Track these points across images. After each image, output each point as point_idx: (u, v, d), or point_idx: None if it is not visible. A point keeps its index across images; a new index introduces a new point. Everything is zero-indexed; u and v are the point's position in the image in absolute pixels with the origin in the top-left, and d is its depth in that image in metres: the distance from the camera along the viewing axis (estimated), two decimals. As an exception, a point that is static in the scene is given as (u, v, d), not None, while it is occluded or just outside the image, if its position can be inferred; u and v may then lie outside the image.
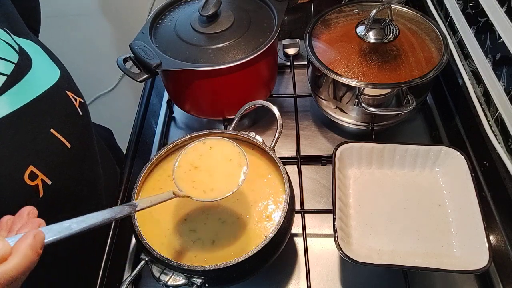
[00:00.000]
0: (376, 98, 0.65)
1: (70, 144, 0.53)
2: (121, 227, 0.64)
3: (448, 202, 0.59)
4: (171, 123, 0.82)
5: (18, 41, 0.52)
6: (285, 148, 0.74)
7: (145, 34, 0.68)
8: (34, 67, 0.52)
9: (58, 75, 0.55)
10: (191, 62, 0.64)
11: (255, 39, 0.67)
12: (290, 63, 0.86)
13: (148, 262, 0.49)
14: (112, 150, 0.87)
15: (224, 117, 0.74)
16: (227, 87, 0.68)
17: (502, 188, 0.57)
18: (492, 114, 0.64)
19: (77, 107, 0.56)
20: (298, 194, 0.65)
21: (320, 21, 0.74)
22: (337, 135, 0.76)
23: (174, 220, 0.53)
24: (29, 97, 0.49)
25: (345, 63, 0.66)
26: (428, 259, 0.53)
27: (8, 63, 0.48)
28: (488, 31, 0.65)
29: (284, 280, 0.59)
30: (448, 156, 0.60)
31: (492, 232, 0.58)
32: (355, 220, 0.58)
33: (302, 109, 0.79)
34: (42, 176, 0.49)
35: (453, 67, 0.73)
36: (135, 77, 0.62)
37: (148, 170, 0.56)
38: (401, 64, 0.65)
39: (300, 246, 0.62)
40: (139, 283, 0.60)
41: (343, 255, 0.50)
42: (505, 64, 0.60)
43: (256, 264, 0.49)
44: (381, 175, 0.63)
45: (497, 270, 0.56)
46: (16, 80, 0.48)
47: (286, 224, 0.50)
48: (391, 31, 0.67)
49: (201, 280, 0.47)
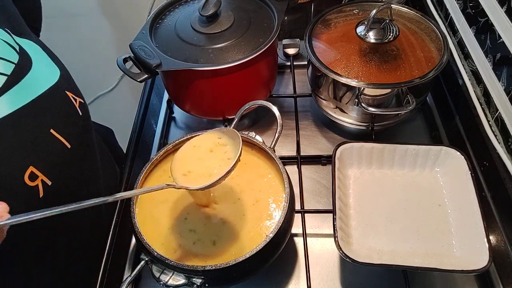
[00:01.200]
0: (376, 98, 0.65)
1: (70, 144, 0.53)
2: (121, 227, 0.64)
3: (448, 202, 0.59)
4: (171, 123, 0.82)
5: (19, 41, 0.52)
6: (285, 148, 0.74)
7: (145, 34, 0.68)
8: (34, 67, 0.52)
9: (58, 75, 0.55)
10: (191, 62, 0.64)
11: (255, 39, 0.67)
12: (290, 63, 0.86)
13: (148, 262, 0.49)
14: (113, 149, 0.87)
15: (224, 117, 0.74)
16: (227, 87, 0.68)
17: (502, 188, 0.57)
18: (492, 114, 0.64)
19: (77, 107, 0.56)
20: (298, 194, 0.65)
21: (320, 21, 0.74)
22: (337, 135, 0.76)
23: (174, 220, 0.53)
24: (29, 97, 0.49)
25: (345, 63, 0.66)
26: (428, 259, 0.53)
27: (9, 63, 0.48)
28: (488, 31, 0.65)
29: (284, 280, 0.59)
30: (448, 156, 0.60)
31: (492, 232, 0.58)
32: (355, 220, 0.58)
33: (302, 109, 0.79)
34: (42, 176, 0.49)
35: (453, 67, 0.73)
36: (135, 77, 0.62)
37: (148, 170, 0.56)
38: (401, 64, 0.65)
39: (300, 246, 0.62)
40: (139, 283, 0.60)
41: (343, 255, 0.50)
42: (505, 64, 0.60)
43: (256, 264, 0.49)
44: (381, 175, 0.63)
45: (497, 270, 0.56)
46: (17, 80, 0.48)
47: (286, 224, 0.50)
48: (391, 31, 0.67)
49: (201, 280, 0.47)
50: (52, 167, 0.51)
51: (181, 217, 0.53)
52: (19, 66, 0.49)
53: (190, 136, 0.58)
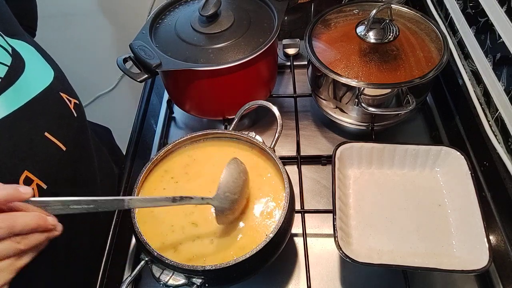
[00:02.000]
0: (376, 98, 0.65)
1: (65, 146, 0.53)
2: (121, 227, 0.64)
3: (448, 202, 0.59)
4: (171, 123, 0.82)
5: (11, 42, 0.52)
6: (285, 148, 0.74)
7: (145, 34, 0.68)
8: (27, 69, 0.51)
9: (52, 77, 0.54)
10: (191, 62, 0.64)
11: (255, 39, 0.67)
12: (290, 63, 0.86)
13: (148, 262, 0.49)
14: (111, 149, 0.86)
15: (224, 117, 0.74)
16: (227, 87, 0.68)
17: (502, 188, 0.57)
18: (492, 114, 0.64)
19: (71, 108, 0.56)
20: (298, 194, 0.65)
21: (320, 21, 0.74)
22: (337, 135, 0.76)
23: (174, 220, 0.53)
24: (22, 100, 0.49)
25: (345, 63, 0.66)
26: (428, 259, 0.53)
27: (2, 65, 0.48)
28: (488, 31, 0.65)
29: (284, 280, 0.59)
30: (448, 156, 0.60)
31: (492, 232, 0.58)
32: (355, 220, 0.58)
33: (302, 109, 0.79)
34: (38, 180, 0.48)
35: (453, 67, 0.73)
36: (135, 77, 0.62)
37: (148, 170, 0.56)
38: (401, 64, 0.65)
39: (300, 246, 0.62)
40: (139, 283, 0.60)
41: (343, 255, 0.50)
42: (505, 64, 0.60)
43: (256, 264, 0.49)
44: (381, 175, 0.63)
45: (497, 270, 0.56)
46: (10, 82, 0.48)
47: (286, 224, 0.50)
48: (391, 31, 0.67)
49: (201, 280, 0.47)
50: (47, 170, 0.50)
51: (181, 217, 0.53)
52: (12, 68, 0.48)
53: (190, 137, 0.58)
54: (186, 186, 0.56)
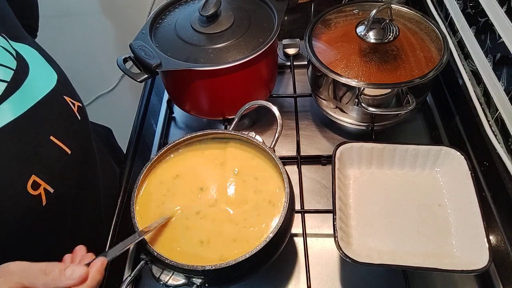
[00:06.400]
0: (376, 98, 0.65)
1: (70, 150, 0.53)
2: (121, 227, 0.64)
3: (448, 202, 0.59)
4: (171, 123, 0.82)
5: (15, 46, 0.51)
6: (285, 148, 0.74)
7: (145, 34, 0.68)
8: (32, 72, 0.51)
9: (55, 80, 0.54)
10: (191, 62, 0.64)
11: (255, 39, 0.67)
12: (290, 63, 0.86)
13: (148, 262, 0.49)
14: (112, 149, 0.86)
15: (224, 117, 0.74)
16: (227, 87, 0.68)
17: (502, 188, 0.57)
18: (492, 114, 0.64)
19: (75, 112, 0.56)
20: (298, 194, 0.65)
21: (320, 21, 0.74)
22: (337, 135, 0.76)
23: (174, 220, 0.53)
24: (28, 104, 0.49)
25: (345, 63, 0.66)
26: (428, 259, 0.53)
27: (7, 69, 0.48)
28: (488, 31, 0.65)
29: (284, 280, 0.59)
30: (448, 156, 0.60)
31: (492, 232, 0.58)
32: (355, 220, 0.58)
33: (302, 109, 0.79)
34: (45, 185, 0.48)
35: (453, 67, 0.73)
36: (135, 77, 0.62)
37: (148, 170, 0.56)
38: (401, 64, 0.65)
39: (300, 246, 0.62)
40: (139, 283, 0.60)
41: (343, 255, 0.50)
42: (505, 64, 0.60)
43: (256, 264, 0.49)
44: (381, 175, 0.63)
45: (497, 270, 0.56)
46: (17, 86, 0.48)
47: (286, 224, 0.50)
48: (391, 31, 0.67)
49: (201, 280, 0.47)
50: (53, 174, 0.50)
51: (181, 217, 0.53)
52: (17, 72, 0.48)
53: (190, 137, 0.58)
54: (186, 186, 0.56)
